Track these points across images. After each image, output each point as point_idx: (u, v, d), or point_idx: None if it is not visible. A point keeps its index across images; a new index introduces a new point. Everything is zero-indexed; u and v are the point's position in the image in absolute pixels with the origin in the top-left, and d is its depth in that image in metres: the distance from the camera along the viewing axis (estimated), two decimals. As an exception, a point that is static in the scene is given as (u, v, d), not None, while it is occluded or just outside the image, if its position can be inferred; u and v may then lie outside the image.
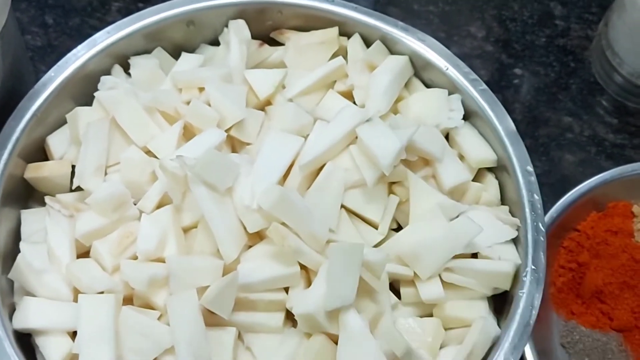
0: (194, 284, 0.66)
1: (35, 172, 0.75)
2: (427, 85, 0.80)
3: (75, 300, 0.68)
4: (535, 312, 0.68)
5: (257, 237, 0.69)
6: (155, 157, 0.72)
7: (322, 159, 0.71)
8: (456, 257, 0.69)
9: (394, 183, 0.73)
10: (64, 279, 0.69)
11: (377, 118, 0.72)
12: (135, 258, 0.69)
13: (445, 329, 0.70)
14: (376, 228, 0.72)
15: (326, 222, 0.69)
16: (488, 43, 0.91)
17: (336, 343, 0.65)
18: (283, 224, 0.67)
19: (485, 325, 0.68)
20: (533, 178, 0.72)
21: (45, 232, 0.71)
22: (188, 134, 0.74)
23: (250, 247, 0.69)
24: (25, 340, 0.69)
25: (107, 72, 0.79)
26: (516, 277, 0.70)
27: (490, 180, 0.76)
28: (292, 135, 0.72)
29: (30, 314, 0.68)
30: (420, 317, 0.70)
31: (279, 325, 0.67)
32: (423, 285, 0.69)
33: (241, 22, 0.80)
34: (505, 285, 0.71)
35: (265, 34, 0.82)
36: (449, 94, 0.78)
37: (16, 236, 0.73)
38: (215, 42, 0.82)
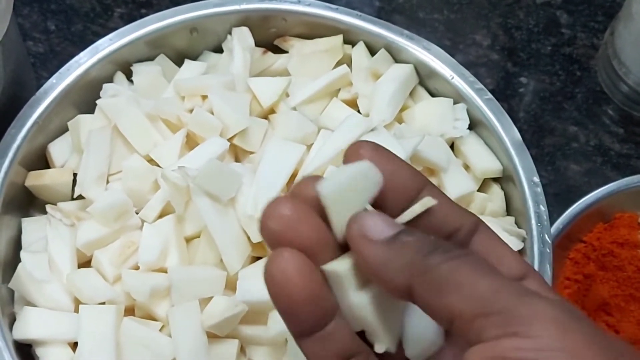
0: (196, 295, 0.66)
1: (36, 180, 0.74)
2: (432, 94, 0.79)
3: (76, 310, 0.67)
4: (541, 325, 0.67)
5: (261, 247, 0.68)
6: (158, 165, 0.72)
7: (326, 168, 0.70)
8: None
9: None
10: (65, 289, 0.68)
11: (381, 127, 0.72)
12: (137, 268, 0.68)
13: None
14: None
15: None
16: (493, 51, 0.91)
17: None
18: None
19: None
20: (539, 189, 0.72)
21: (46, 241, 0.70)
22: (191, 142, 0.73)
23: (254, 257, 0.69)
24: (26, 351, 0.69)
25: (110, 79, 0.78)
26: (522, 290, 0.69)
27: (496, 190, 0.76)
28: (293, 143, 0.72)
29: (31, 325, 0.67)
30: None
31: (282, 338, 0.67)
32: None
33: (245, 30, 0.79)
34: (512, 298, 0.70)
35: (269, 42, 0.82)
36: (454, 103, 0.77)
37: (17, 245, 0.72)
38: (218, 50, 0.82)
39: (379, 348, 0.45)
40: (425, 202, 0.44)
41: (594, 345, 0.38)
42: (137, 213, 0.70)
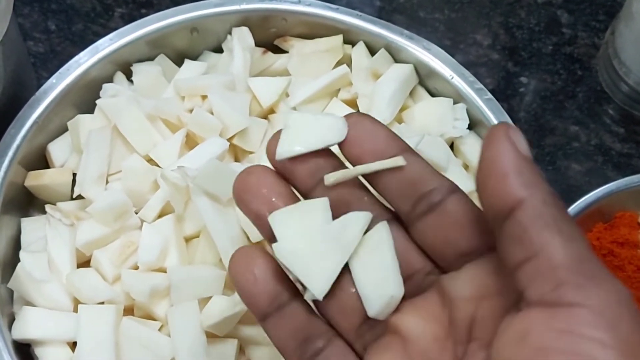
0: (195, 294, 0.66)
1: (36, 180, 0.74)
2: (432, 94, 0.79)
3: (76, 310, 0.67)
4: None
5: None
6: (158, 165, 0.72)
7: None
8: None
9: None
10: (64, 289, 0.68)
11: None
12: (137, 268, 0.68)
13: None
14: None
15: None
16: (494, 51, 0.91)
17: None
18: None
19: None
20: (539, 189, 0.72)
21: (45, 241, 0.70)
22: (191, 142, 0.73)
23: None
24: (25, 351, 0.69)
25: (110, 79, 0.78)
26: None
27: (496, 190, 0.75)
28: None
29: (30, 324, 0.67)
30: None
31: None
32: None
33: (245, 30, 0.79)
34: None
35: (269, 42, 0.82)
36: (454, 103, 0.77)
37: (16, 244, 0.72)
38: (218, 50, 0.82)
39: (307, 296, 0.47)
40: (396, 160, 0.46)
41: None
42: (136, 213, 0.70)
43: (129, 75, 0.79)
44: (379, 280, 0.46)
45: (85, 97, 0.77)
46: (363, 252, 0.47)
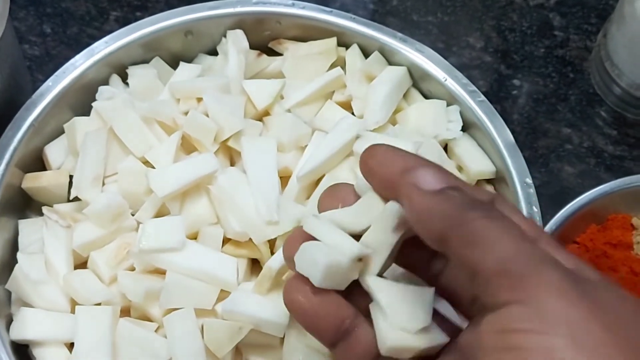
0: (188, 300, 0.66)
1: (33, 182, 0.74)
2: (426, 96, 0.79)
3: (73, 311, 0.67)
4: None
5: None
6: (153, 167, 0.72)
7: (320, 170, 0.71)
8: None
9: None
10: (61, 290, 0.68)
11: (368, 132, 0.72)
12: (133, 269, 0.68)
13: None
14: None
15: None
16: (487, 54, 0.91)
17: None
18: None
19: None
20: (532, 190, 0.72)
21: (42, 243, 0.71)
22: (186, 144, 0.73)
23: (252, 260, 0.70)
24: (23, 352, 0.69)
25: (105, 82, 0.79)
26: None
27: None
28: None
29: (28, 325, 0.68)
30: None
31: (278, 340, 0.67)
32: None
33: (239, 32, 0.79)
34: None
35: (264, 44, 0.82)
36: (448, 105, 0.77)
37: (13, 246, 0.73)
38: (213, 52, 0.82)
39: None
40: None
41: (601, 318, 0.39)
42: (132, 215, 0.71)
43: (124, 77, 0.79)
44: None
45: (81, 100, 0.77)
46: None
